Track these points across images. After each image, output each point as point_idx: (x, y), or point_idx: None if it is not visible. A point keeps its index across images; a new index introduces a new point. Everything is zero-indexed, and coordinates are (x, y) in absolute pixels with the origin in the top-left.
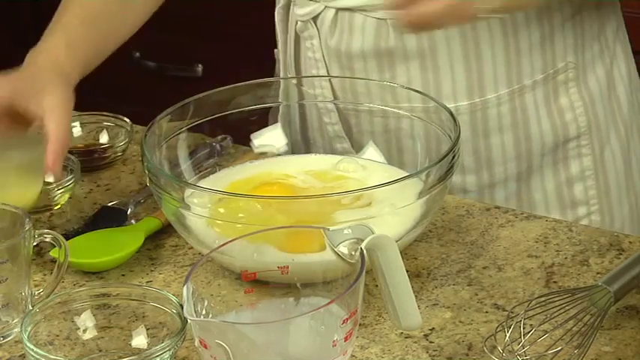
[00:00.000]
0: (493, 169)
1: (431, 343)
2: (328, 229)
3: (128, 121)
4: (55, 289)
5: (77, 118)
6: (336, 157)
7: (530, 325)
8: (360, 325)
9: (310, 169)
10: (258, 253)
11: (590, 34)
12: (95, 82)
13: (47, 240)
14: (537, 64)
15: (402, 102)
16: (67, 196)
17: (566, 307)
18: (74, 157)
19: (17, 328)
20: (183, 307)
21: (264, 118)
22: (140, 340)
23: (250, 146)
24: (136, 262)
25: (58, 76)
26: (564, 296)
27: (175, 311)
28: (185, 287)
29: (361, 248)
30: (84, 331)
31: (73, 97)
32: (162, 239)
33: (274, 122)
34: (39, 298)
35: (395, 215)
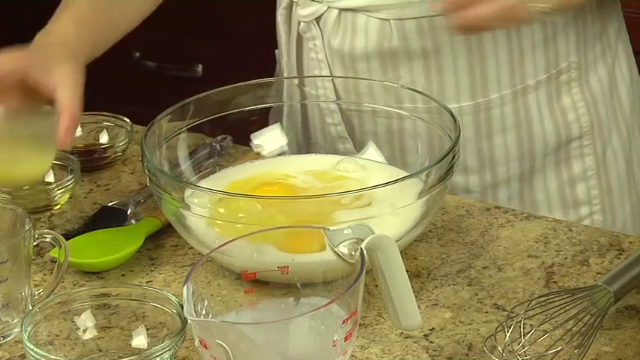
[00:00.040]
0: (496, 169)
1: (431, 343)
2: (328, 229)
3: (128, 121)
4: (55, 289)
5: None
6: (336, 157)
7: (530, 325)
8: (360, 325)
9: (310, 169)
10: (258, 253)
11: (592, 34)
12: (95, 82)
13: (47, 240)
14: (540, 64)
15: (405, 102)
16: (67, 196)
17: (566, 307)
18: (74, 157)
19: (17, 328)
20: (183, 307)
21: (264, 118)
22: (140, 340)
23: (250, 146)
24: (136, 262)
25: (67, 52)
26: (564, 296)
27: (175, 311)
28: (185, 287)
29: (361, 248)
30: (84, 331)
31: (84, 74)
32: (162, 239)
33: (275, 122)
34: (39, 298)
35: (395, 215)
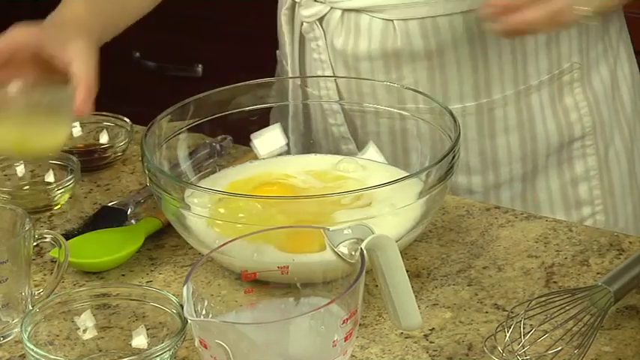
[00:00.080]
0: (499, 169)
1: (431, 343)
2: (328, 229)
3: (128, 121)
4: (55, 289)
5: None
6: (336, 157)
7: (530, 325)
8: (360, 325)
9: (310, 169)
10: (258, 253)
11: (594, 34)
12: None
13: (47, 240)
14: (543, 65)
15: (408, 103)
16: (67, 196)
17: (566, 307)
18: (74, 157)
19: (17, 328)
20: (183, 307)
21: (264, 118)
22: (140, 340)
23: (250, 146)
24: (136, 262)
25: (80, 28)
26: (564, 296)
27: (175, 311)
28: (185, 287)
29: (361, 248)
30: (84, 331)
31: (97, 51)
32: (162, 239)
33: (276, 123)
34: (39, 298)
35: (395, 215)
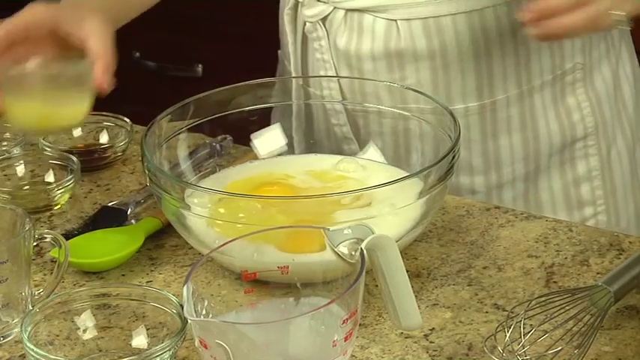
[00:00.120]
0: (501, 169)
1: (431, 343)
2: (328, 229)
3: (128, 121)
4: (55, 289)
5: None
6: (336, 157)
7: (530, 325)
8: (360, 325)
9: (310, 169)
10: (258, 253)
11: (597, 35)
12: None
13: (47, 240)
14: (546, 65)
15: (410, 103)
16: (67, 196)
17: (566, 307)
18: (74, 157)
19: (17, 328)
20: (183, 307)
21: (265, 118)
22: (140, 340)
23: (250, 146)
24: (136, 262)
25: (95, 8)
26: (564, 296)
27: (175, 311)
28: (185, 287)
29: (361, 248)
30: (84, 331)
31: (113, 30)
32: (162, 239)
33: (277, 123)
34: (39, 298)
35: (395, 215)
